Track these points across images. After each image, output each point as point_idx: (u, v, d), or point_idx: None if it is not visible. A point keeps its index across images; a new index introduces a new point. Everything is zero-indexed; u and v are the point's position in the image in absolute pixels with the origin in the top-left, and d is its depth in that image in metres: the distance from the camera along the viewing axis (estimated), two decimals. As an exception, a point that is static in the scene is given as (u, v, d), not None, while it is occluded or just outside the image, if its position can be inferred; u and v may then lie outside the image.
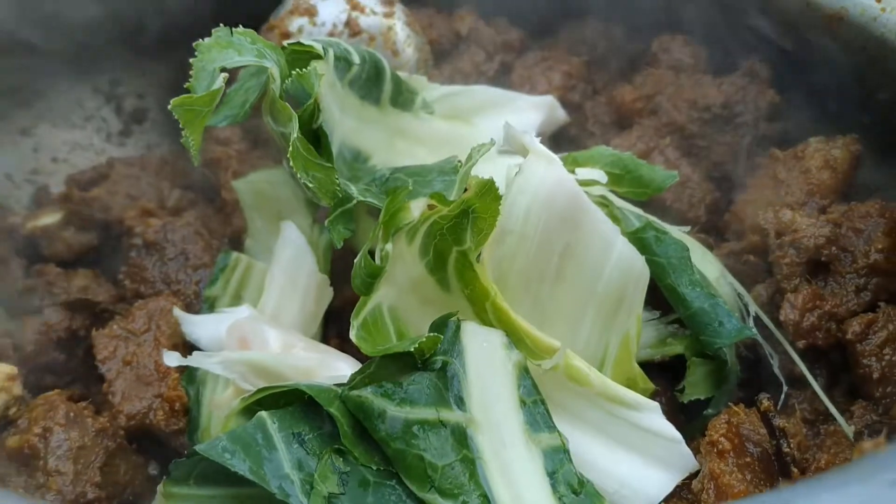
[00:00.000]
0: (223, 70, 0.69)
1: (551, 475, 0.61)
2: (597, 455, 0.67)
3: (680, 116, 0.97)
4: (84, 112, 1.07)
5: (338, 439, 0.62)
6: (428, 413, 0.61)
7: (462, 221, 0.64)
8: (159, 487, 0.62)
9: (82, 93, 1.05)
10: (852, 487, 0.46)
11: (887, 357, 0.76)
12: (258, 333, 0.72)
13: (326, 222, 0.74)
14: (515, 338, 0.65)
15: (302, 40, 0.80)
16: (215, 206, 0.95)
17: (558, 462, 0.62)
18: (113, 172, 0.96)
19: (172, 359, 0.71)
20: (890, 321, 0.77)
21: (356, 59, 0.83)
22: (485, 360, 0.63)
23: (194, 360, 0.70)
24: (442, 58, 1.01)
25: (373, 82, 0.85)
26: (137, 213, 0.91)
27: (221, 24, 0.74)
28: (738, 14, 0.97)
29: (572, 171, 0.77)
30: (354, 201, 0.74)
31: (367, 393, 0.62)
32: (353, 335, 0.64)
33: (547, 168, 0.67)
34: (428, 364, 0.63)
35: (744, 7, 0.96)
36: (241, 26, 0.75)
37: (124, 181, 0.95)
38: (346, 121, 0.82)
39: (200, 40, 0.70)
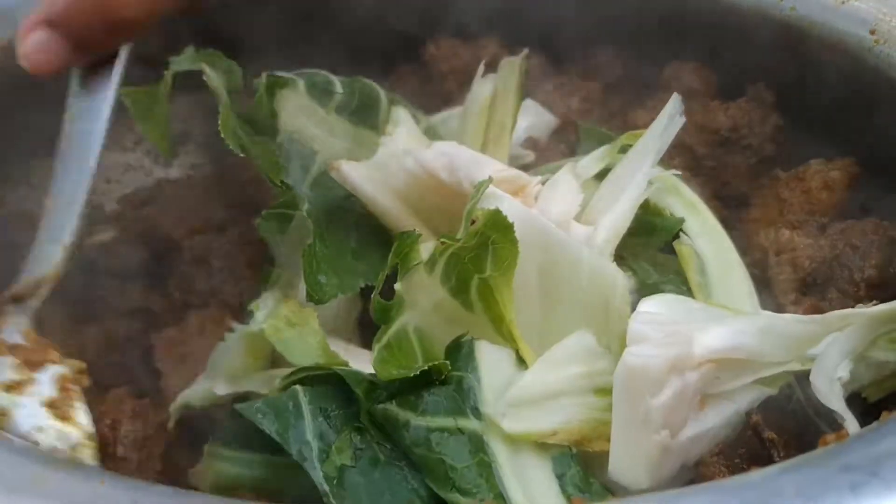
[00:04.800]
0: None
1: (559, 477, 0.67)
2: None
3: (689, 139, 1.02)
4: (134, 136, 1.14)
5: (359, 419, 0.69)
6: (447, 422, 0.67)
7: (482, 252, 0.70)
8: (205, 447, 0.70)
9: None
10: (809, 471, 0.51)
11: (882, 364, 0.81)
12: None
13: (263, 212, 0.80)
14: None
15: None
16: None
17: (566, 466, 0.67)
18: (162, 193, 1.04)
19: (221, 388, 0.77)
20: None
21: (338, 87, 0.90)
22: (496, 374, 0.69)
23: (246, 384, 0.76)
24: (467, 84, 1.08)
25: (367, 110, 0.91)
26: (186, 231, 0.98)
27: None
28: (744, 43, 1.03)
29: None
30: (298, 213, 0.80)
31: (392, 406, 0.69)
32: (373, 359, 0.71)
33: (503, 205, 0.72)
34: (446, 379, 0.69)
35: (750, 36, 1.03)
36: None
37: (173, 200, 1.02)
38: (339, 143, 0.89)
39: (174, 57, 0.80)
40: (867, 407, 0.76)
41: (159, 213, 1.00)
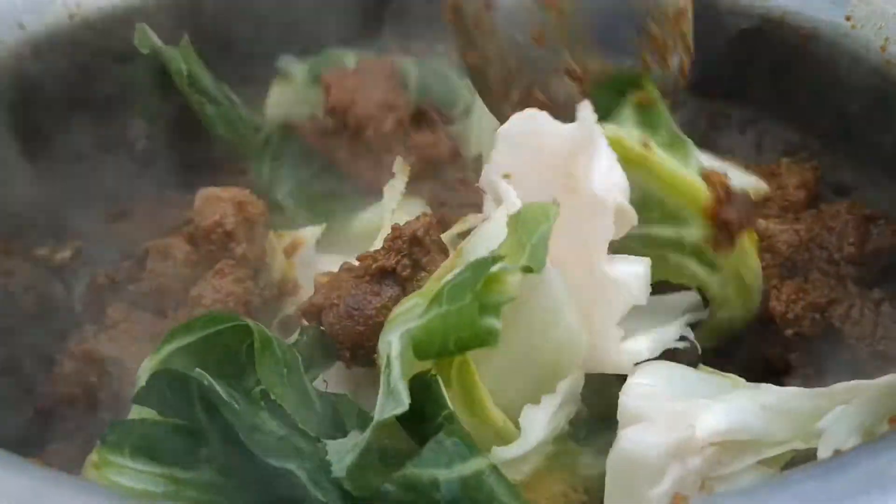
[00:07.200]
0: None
1: None
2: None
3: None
4: (98, 156, 1.11)
5: None
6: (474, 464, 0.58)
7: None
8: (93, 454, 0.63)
9: (97, 137, 1.09)
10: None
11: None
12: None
13: None
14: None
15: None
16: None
17: None
18: (137, 209, 1.01)
19: None
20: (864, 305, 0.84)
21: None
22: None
23: None
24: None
25: None
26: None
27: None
28: (714, 32, 1.04)
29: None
30: None
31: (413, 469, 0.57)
32: None
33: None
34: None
35: (719, 25, 1.04)
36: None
37: (146, 217, 1.00)
38: None
39: None
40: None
41: (133, 230, 0.98)
